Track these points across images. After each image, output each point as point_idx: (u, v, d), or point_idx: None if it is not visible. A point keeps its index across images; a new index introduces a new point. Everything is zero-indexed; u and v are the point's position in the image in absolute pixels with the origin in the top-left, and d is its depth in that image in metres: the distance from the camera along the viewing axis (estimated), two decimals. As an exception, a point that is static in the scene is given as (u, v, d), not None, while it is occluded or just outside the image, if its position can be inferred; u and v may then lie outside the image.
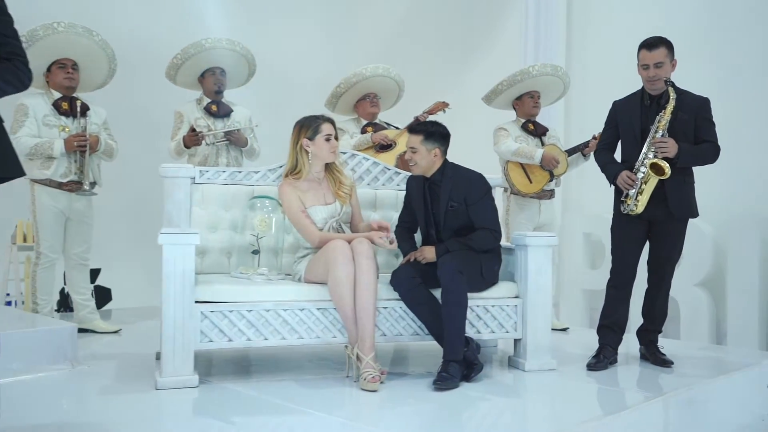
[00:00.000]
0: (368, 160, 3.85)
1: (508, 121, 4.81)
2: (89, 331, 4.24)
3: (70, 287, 4.36)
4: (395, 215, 3.76)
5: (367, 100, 4.84)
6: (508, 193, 4.76)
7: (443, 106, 4.71)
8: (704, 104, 3.47)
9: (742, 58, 5.53)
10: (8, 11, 2.16)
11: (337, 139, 3.40)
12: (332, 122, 3.41)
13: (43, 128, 4.06)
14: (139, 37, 5.54)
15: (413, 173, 3.50)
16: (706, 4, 5.83)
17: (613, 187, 3.61)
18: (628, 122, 3.56)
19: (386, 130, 4.74)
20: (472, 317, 3.33)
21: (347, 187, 3.41)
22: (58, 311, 5.08)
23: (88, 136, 4.08)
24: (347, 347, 3.11)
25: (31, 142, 3.99)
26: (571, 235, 6.06)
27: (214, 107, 4.53)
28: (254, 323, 3.05)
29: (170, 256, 2.90)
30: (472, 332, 3.32)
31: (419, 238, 3.57)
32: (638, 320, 3.78)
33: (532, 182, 4.63)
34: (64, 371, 3.16)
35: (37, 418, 2.53)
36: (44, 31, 4.01)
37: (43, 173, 4.05)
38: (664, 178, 3.35)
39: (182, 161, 4.45)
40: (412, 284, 3.20)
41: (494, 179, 3.80)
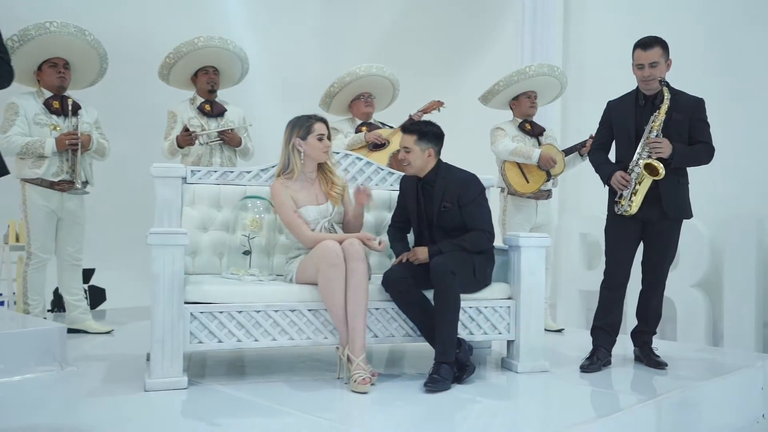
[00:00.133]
0: (361, 160, 3.83)
1: (505, 121, 4.79)
2: (81, 331, 4.22)
3: (62, 287, 4.33)
4: (388, 215, 3.74)
5: (361, 99, 4.81)
6: (505, 193, 4.73)
7: (438, 104, 4.69)
8: (699, 105, 3.44)
9: (738, 58, 5.50)
10: None
11: (329, 139, 3.38)
12: (325, 122, 3.38)
13: (34, 127, 4.03)
14: (132, 36, 5.53)
15: (406, 173, 3.47)
16: (703, 4, 5.80)
17: (607, 187, 3.58)
18: (622, 122, 3.53)
19: (380, 129, 4.71)
20: (464, 318, 3.30)
21: (339, 187, 3.39)
22: (52, 311, 5.05)
23: (79, 134, 4.06)
24: (338, 349, 3.09)
25: (22, 140, 3.97)
26: (568, 235, 6.03)
27: (207, 107, 4.50)
28: (244, 324, 3.02)
29: (159, 256, 2.88)
30: (464, 334, 3.30)
31: (412, 238, 3.55)
32: (633, 322, 3.76)
33: (529, 182, 4.60)
34: (52, 372, 3.14)
35: (22, 419, 2.50)
36: (36, 30, 3.98)
37: (34, 172, 4.03)
38: (658, 178, 3.32)
39: (176, 161, 4.42)
40: (403, 285, 3.17)
41: (488, 180, 3.77)
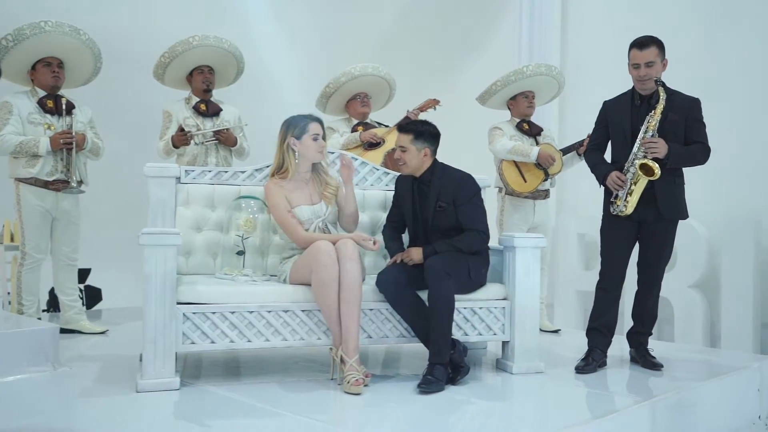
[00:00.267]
0: (356, 160, 3.81)
1: (502, 120, 4.77)
2: (76, 331, 4.20)
3: (57, 288, 4.31)
4: (383, 215, 3.72)
5: (357, 99, 4.79)
6: (502, 193, 4.72)
7: (434, 103, 4.68)
8: (695, 105, 3.42)
9: (736, 58, 5.49)
10: None
11: (324, 139, 3.36)
12: (320, 122, 3.37)
13: (28, 126, 4.01)
14: (128, 35, 5.51)
15: (402, 173, 3.45)
16: (700, 4, 5.79)
17: (602, 188, 3.56)
18: (618, 122, 3.52)
19: (376, 128, 4.70)
20: (459, 319, 3.28)
21: (332, 187, 3.37)
22: (47, 311, 5.04)
23: (74, 133, 4.04)
24: (332, 350, 3.07)
25: (16, 139, 3.95)
26: (565, 235, 6.01)
27: (202, 106, 4.48)
28: (237, 325, 3.00)
29: (151, 256, 2.86)
30: (459, 334, 3.28)
31: (407, 239, 3.54)
32: (629, 323, 3.74)
33: (526, 181, 4.58)
34: (45, 373, 3.11)
35: (13, 421, 2.49)
36: (31, 30, 3.96)
37: (28, 171, 4.01)
38: (653, 178, 3.30)
39: (171, 161, 4.40)
40: (397, 286, 3.16)
41: (484, 180, 3.76)
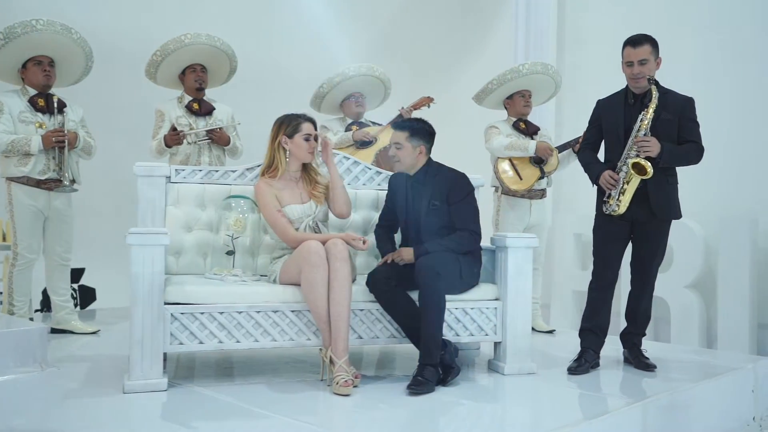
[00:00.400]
0: (348, 159, 3.79)
1: (499, 119, 4.75)
2: (67, 331, 4.18)
3: (49, 288, 4.28)
4: (375, 215, 3.70)
5: (352, 99, 4.77)
6: (498, 192, 4.69)
7: (428, 101, 4.66)
8: (688, 104, 3.39)
9: (732, 58, 5.46)
10: None
11: (316, 140, 3.34)
12: (313, 122, 3.36)
13: (19, 125, 3.99)
14: (118, 33, 5.46)
15: (395, 170, 3.43)
16: (700, 3, 5.75)
17: (595, 187, 3.54)
18: (611, 121, 3.49)
19: (368, 127, 4.67)
20: (450, 320, 3.26)
21: (322, 186, 3.35)
22: (41, 311, 5.02)
23: (66, 131, 4.02)
24: (321, 350, 3.05)
25: (7, 138, 3.92)
26: (562, 235, 5.99)
27: (195, 105, 4.45)
28: (226, 326, 2.98)
29: (138, 256, 2.84)
30: (450, 335, 3.26)
31: (399, 239, 3.51)
32: (623, 323, 3.71)
33: (522, 179, 4.55)
34: (32, 374, 3.09)
35: (-3, 422, 2.47)
36: (23, 28, 3.94)
37: (20, 170, 3.98)
38: (646, 177, 3.27)
39: (164, 160, 4.38)
40: (388, 286, 3.13)
41: (478, 179, 3.72)
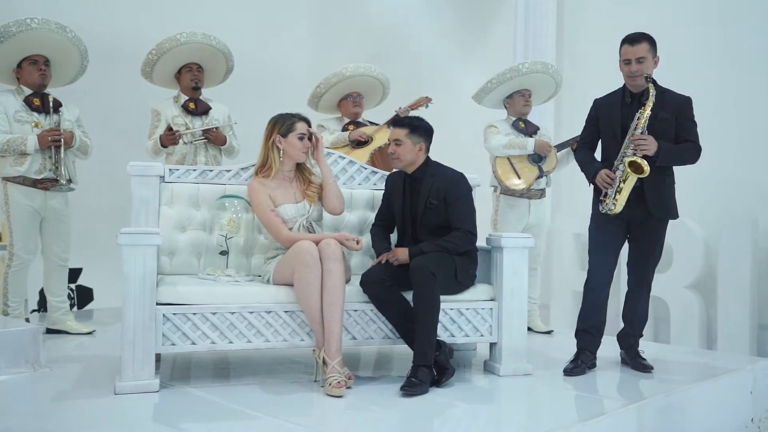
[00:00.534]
0: (344, 158, 3.76)
1: (498, 119, 4.72)
2: (63, 332, 4.16)
3: (46, 288, 4.26)
4: (371, 215, 3.67)
5: (349, 99, 4.75)
6: (497, 192, 4.66)
7: (426, 101, 4.64)
8: (686, 103, 3.35)
9: (733, 57, 5.43)
10: None
11: (310, 139, 3.32)
12: (308, 122, 3.34)
13: (14, 124, 3.97)
14: (116, 33, 5.45)
15: (393, 167, 3.41)
16: (698, 4, 5.72)
17: (592, 186, 3.51)
18: (608, 120, 3.46)
19: (365, 127, 4.65)
20: (445, 320, 3.23)
21: (315, 186, 3.33)
22: (37, 311, 5.01)
23: (62, 131, 4.00)
24: (315, 351, 3.03)
25: (3, 138, 3.91)
26: (561, 235, 5.96)
27: (191, 105, 4.43)
28: (218, 326, 2.96)
29: (130, 256, 2.83)
30: (445, 336, 3.23)
31: (395, 238, 3.49)
32: (620, 324, 3.68)
33: (521, 178, 4.53)
34: (24, 374, 3.08)
35: (-14, 423, 2.45)
36: (17, 27, 3.92)
37: (16, 170, 3.96)
38: (642, 176, 3.24)
39: (160, 160, 4.36)
40: (382, 286, 3.10)
41: (475, 179, 3.69)
